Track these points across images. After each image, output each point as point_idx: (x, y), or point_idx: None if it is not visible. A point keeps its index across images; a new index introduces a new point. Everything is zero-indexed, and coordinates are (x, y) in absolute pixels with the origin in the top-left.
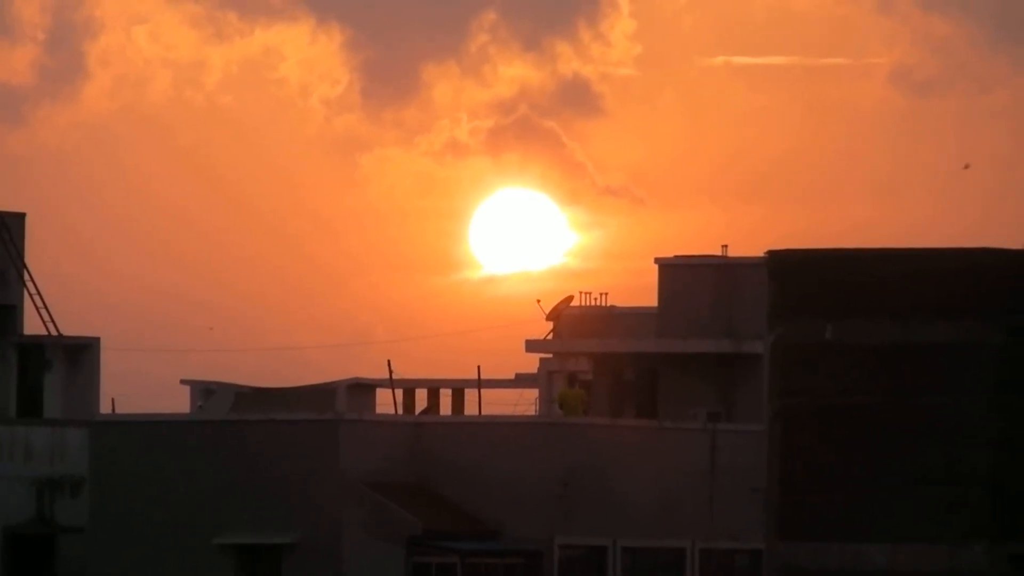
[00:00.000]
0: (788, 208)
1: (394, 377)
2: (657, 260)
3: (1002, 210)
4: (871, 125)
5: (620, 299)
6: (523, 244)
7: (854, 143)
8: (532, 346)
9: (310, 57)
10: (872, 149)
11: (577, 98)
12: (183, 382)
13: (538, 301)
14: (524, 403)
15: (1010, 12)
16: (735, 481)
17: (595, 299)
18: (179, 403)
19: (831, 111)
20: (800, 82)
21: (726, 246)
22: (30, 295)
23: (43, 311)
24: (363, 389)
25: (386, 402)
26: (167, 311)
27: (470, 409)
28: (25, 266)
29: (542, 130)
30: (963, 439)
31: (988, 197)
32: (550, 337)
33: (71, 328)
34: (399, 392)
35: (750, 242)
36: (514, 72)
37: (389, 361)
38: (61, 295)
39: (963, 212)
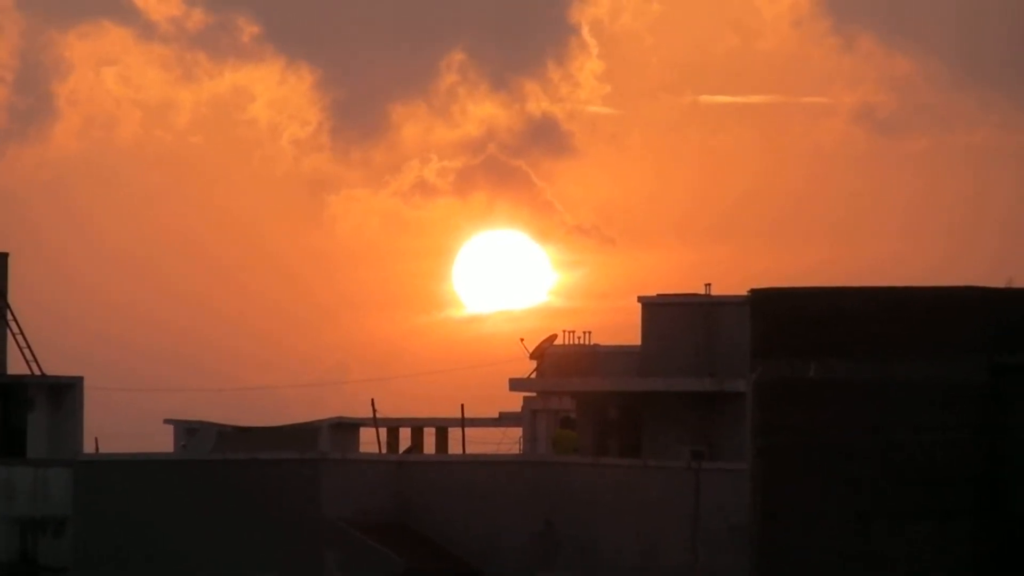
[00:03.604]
0: (757, 246)
1: (378, 416)
2: (640, 299)
3: (965, 248)
4: (836, 163)
5: (602, 338)
6: (505, 283)
7: (820, 181)
8: (516, 385)
9: (279, 98)
10: (838, 187)
11: (546, 138)
12: (166, 421)
13: (521, 340)
14: (508, 442)
15: (972, 51)
16: (719, 520)
17: (578, 338)
18: (162, 442)
19: (797, 149)
20: (767, 121)
21: (709, 284)
22: (12, 335)
23: (26, 351)
24: (346, 428)
25: (370, 441)
26: (150, 350)
27: (454, 448)
28: (8, 305)
29: (511, 169)
30: (946, 477)
31: (951, 235)
32: (534, 376)
33: (54, 368)
34: (383, 431)
35: (722, 280)
36: (483, 112)
37: (373, 400)
38: (44, 334)
39: (928, 250)
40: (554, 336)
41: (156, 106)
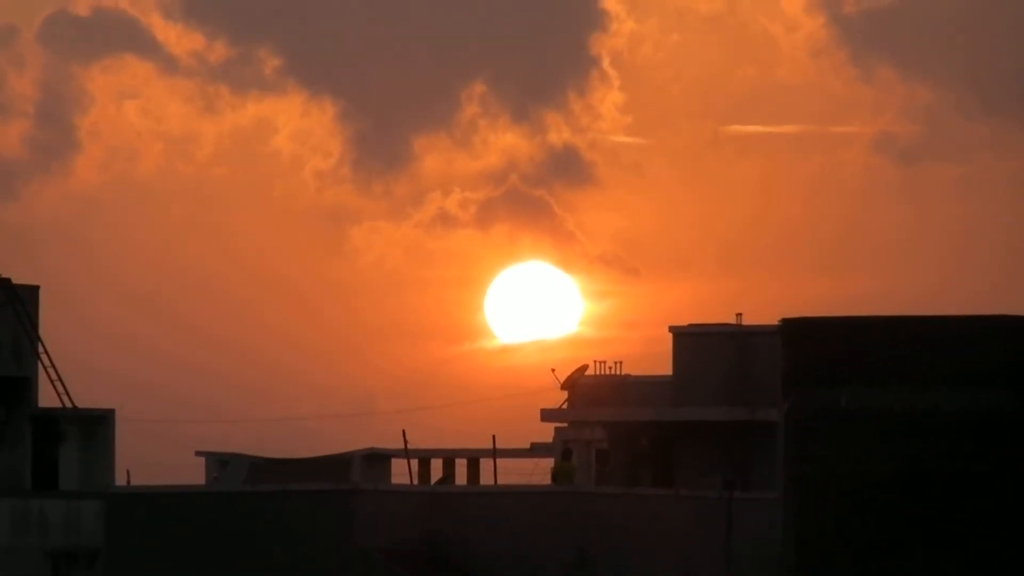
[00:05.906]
0: (780, 276)
1: (409, 447)
2: (671, 328)
3: (993, 276)
4: (858, 192)
5: (633, 367)
6: (535, 313)
7: (842, 210)
8: (547, 415)
9: (301, 130)
10: (860, 217)
11: (567, 168)
12: (198, 453)
13: (553, 370)
14: (540, 472)
15: (991, 79)
16: (751, 550)
17: (610, 368)
18: (194, 474)
19: (819, 179)
20: (788, 150)
21: (740, 314)
22: (44, 368)
23: (57, 383)
24: (378, 459)
25: (401, 472)
26: (181, 382)
27: (485, 479)
28: (39, 338)
29: (533, 200)
30: (978, 506)
31: (978, 263)
32: (565, 406)
33: (85, 400)
34: (414, 462)
35: (747, 309)
36: (504, 143)
37: (404, 431)
38: (75, 367)
39: (955, 279)
40: (585, 366)
41: (178, 139)
